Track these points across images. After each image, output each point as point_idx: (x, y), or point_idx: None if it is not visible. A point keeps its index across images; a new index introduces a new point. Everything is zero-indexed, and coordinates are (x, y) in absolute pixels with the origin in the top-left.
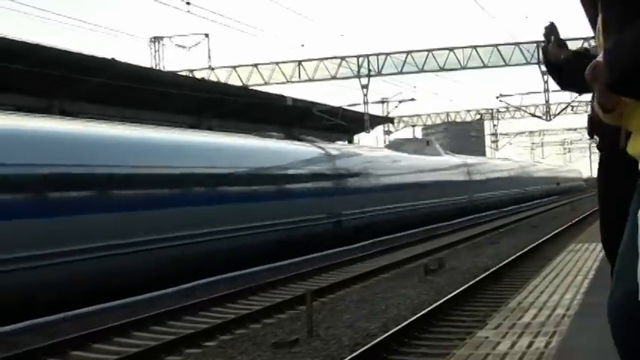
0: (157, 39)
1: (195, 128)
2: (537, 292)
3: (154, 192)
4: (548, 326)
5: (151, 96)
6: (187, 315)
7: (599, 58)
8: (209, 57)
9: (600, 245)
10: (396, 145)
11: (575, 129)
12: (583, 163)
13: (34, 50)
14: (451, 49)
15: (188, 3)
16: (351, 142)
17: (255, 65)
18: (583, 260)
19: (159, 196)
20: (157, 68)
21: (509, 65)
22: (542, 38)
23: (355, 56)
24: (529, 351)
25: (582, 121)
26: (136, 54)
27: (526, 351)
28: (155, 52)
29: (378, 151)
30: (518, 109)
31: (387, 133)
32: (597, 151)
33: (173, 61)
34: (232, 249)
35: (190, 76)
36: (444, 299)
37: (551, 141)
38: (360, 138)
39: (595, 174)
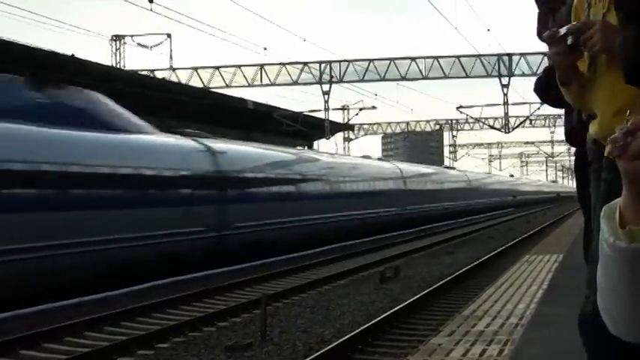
0: (118, 37)
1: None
2: (491, 301)
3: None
4: (502, 335)
5: (110, 95)
6: (141, 316)
7: (562, 30)
8: (171, 57)
9: (554, 256)
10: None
11: (533, 142)
12: (540, 175)
13: None
14: (413, 59)
15: (151, 1)
16: (310, 147)
17: (217, 67)
18: (537, 271)
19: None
20: (118, 67)
21: (470, 77)
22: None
23: (317, 62)
24: (482, 359)
25: (540, 134)
26: (96, 52)
27: (479, 359)
28: (116, 50)
29: (426, 167)
30: (477, 120)
31: (347, 140)
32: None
33: (134, 60)
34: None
35: (151, 76)
36: (399, 307)
37: (509, 153)
38: (320, 144)
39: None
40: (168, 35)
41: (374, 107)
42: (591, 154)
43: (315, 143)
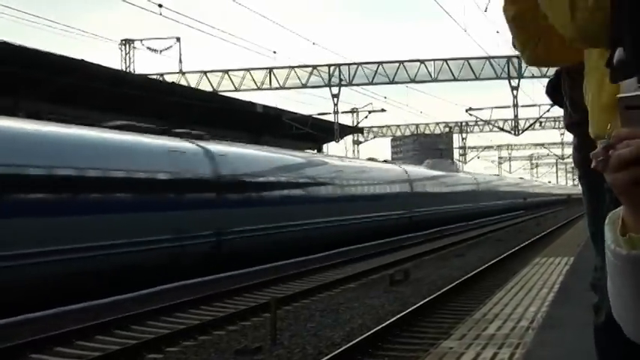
0: (127, 41)
1: (164, 133)
2: (502, 305)
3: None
4: (513, 338)
5: (120, 98)
6: (150, 320)
7: None
8: (180, 61)
9: (565, 259)
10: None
11: (543, 144)
12: (550, 178)
13: (1, 48)
14: (422, 62)
15: (160, 5)
16: (320, 150)
17: (226, 71)
18: (548, 274)
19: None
20: (128, 71)
21: (480, 79)
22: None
23: (326, 65)
24: None
25: (550, 136)
26: (106, 56)
27: None
28: (126, 54)
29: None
30: (486, 122)
31: (357, 143)
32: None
33: (144, 64)
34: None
35: (161, 79)
36: (409, 310)
37: (519, 156)
38: (329, 147)
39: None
40: (178, 39)
41: (383, 110)
42: (574, 162)
43: (325, 146)
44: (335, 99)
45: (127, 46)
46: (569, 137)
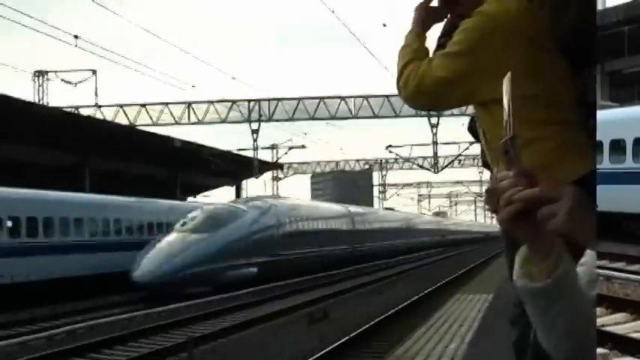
0: (41, 73)
1: (79, 169)
2: (423, 341)
3: None
4: None
5: (31, 132)
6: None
7: None
8: (96, 94)
9: (484, 296)
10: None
11: (462, 182)
12: (469, 215)
13: None
14: (343, 98)
15: (76, 37)
16: (239, 187)
17: (144, 105)
18: (468, 310)
19: None
20: (41, 103)
21: (400, 116)
22: None
23: (246, 100)
24: None
25: (468, 174)
26: (17, 88)
27: None
28: (39, 86)
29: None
30: (406, 160)
31: (276, 179)
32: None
33: (58, 96)
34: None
35: (76, 112)
36: (329, 348)
37: (438, 193)
38: (248, 184)
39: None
40: (94, 72)
41: (303, 146)
42: None
43: (244, 182)
44: (254, 134)
45: (41, 77)
46: (487, 175)
